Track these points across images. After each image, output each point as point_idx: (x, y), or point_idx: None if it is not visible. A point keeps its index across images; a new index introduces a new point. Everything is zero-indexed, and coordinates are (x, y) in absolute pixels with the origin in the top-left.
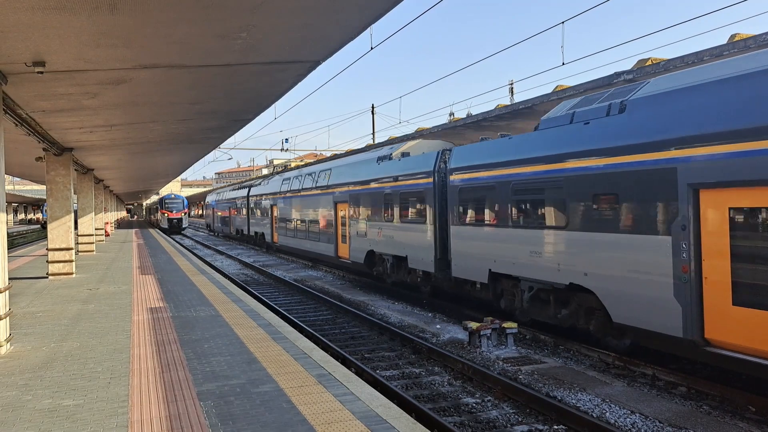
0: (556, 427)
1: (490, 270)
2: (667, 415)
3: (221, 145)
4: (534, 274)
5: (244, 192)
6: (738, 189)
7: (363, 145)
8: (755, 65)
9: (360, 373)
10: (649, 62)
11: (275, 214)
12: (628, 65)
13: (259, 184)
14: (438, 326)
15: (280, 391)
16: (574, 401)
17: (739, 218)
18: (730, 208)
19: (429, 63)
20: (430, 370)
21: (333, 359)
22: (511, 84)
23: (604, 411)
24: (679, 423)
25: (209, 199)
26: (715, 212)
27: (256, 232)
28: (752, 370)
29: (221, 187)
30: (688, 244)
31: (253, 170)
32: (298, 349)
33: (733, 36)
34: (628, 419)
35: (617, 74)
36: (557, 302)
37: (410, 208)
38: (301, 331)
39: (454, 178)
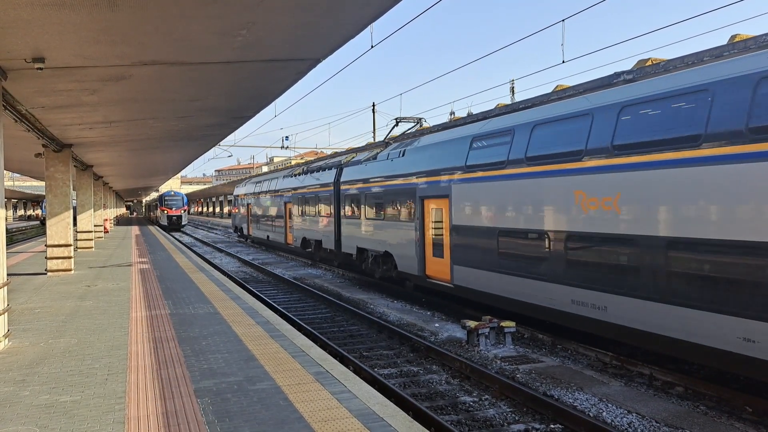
0: (552, 426)
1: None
2: (663, 415)
3: (221, 143)
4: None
5: (328, 177)
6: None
7: (364, 143)
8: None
9: (358, 371)
10: (649, 62)
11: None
12: (628, 64)
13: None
14: (437, 325)
15: (277, 388)
16: (571, 400)
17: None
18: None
19: (430, 61)
20: (428, 369)
21: (331, 357)
22: (512, 83)
23: (600, 410)
24: (676, 423)
25: (242, 190)
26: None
27: (374, 255)
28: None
29: (263, 174)
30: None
31: (253, 167)
32: (296, 346)
33: (733, 37)
34: (625, 419)
35: (617, 74)
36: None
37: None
38: (300, 329)
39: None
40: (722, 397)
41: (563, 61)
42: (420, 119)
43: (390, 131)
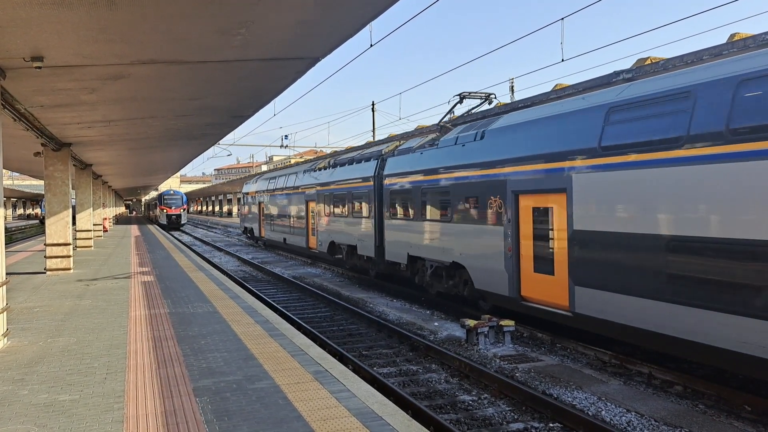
0: (551, 425)
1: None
2: (662, 413)
3: (220, 142)
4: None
5: (364, 169)
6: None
7: (363, 142)
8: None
9: (357, 370)
10: (648, 61)
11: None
12: (627, 63)
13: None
14: (436, 324)
15: (276, 387)
16: (570, 399)
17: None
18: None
19: (429, 60)
20: (428, 368)
21: (330, 356)
22: (512, 82)
23: (599, 409)
24: (675, 422)
25: (253, 188)
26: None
27: (435, 266)
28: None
29: (278, 170)
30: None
31: (252, 167)
32: (295, 346)
33: (732, 35)
34: (624, 418)
35: (616, 73)
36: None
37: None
38: (299, 328)
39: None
40: (721, 396)
41: (562, 60)
42: (489, 95)
43: (448, 112)
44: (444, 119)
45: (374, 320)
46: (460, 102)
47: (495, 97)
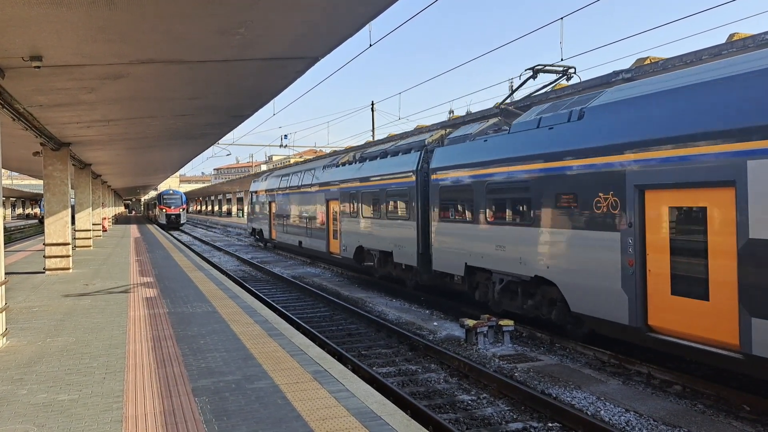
0: (550, 424)
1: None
2: (661, 413)
3: (220, 141)
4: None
5: (403, 163)
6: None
7: (363, 142)
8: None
9: (356, 370)
10: (647, 61)
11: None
12: (627, 63)
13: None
14: (435, 323)
15: (276, 387)
16: (569, 399)
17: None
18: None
19: (428, 60)
20: (427, 367)
21: (329, 356)
22: (512, 81)
23: (598, 409)
24: (674, 421)
25: (262, 186)
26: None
27: (507, 281)
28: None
29: (292, 165)
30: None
31: (252, 166)
32: (295, 345)
33: (731, 35)
34: (623, 417)
35: (615, 73)
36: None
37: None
38: (298, 327)
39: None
40: (720, 396)
41: (561, 60)
42: (567, 68)
43: (518, 88)
44: (505, 101)
45: (373, 320)
46: (534, 77)
47: (574, 72)
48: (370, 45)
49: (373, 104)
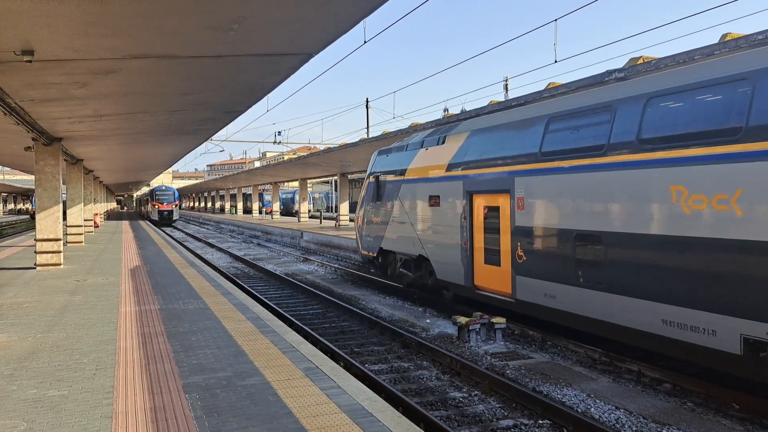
0: (541, 421)
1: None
2: (651, 411)
3: (213, 137)
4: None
5: None
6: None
7: (357, 139)
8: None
9: (348, 367)
10: (640, 61)
11: None
12: (620, 63)
13: None
14: (428, 321)
15: (267, 384)
16: (559, 396)
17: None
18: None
19: (423, 58)
20: (419, 365)
21: (321, 353)
22: (506, 81)
23: (589, 406)
24: (663, 419)
25: (407, 161)
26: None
27: None
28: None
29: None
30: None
31: (245, 163)
32: (287, 342)
33: (724, 35)
34: (613, 415)
35: (609, 72)
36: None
37: None
38: (291, 325)
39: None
40: (710, 394)
41: (555, 61)
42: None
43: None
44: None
45: (366, 317)
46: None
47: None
48: (365, 42)
49: (367, 102)
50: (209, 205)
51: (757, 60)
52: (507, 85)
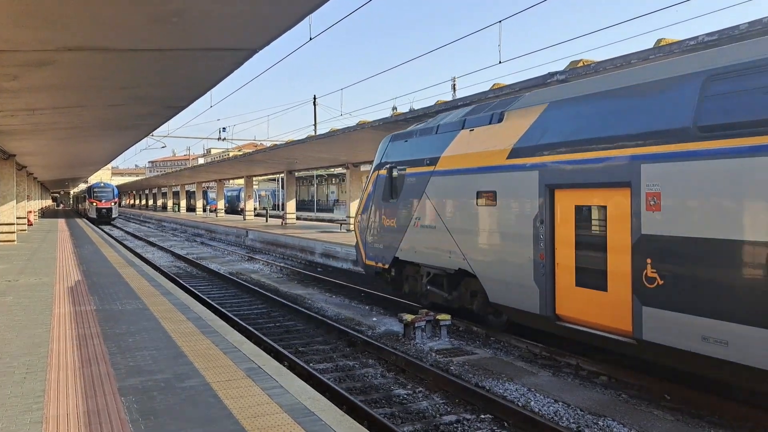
0: (483, 416)
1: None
2: (588, 403)
3: (154, 133)
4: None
5: None
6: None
7: (304, 136)
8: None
9: (293, 367)
10: (581, 63)
11: None
12: (561, 65)
13: None
14: (374, 319)
15: (207, 385)
16: (501, 391)
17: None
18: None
19: (371, 56)
20: (365, 363)
21: (264, 353)
22: (454, 80)
23: (529, 400)
24: (599, 411)
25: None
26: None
27: None
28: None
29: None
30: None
31: (189, 159)
32: (229, 342)
33: (658, 41)
34: (552, 408)
35: (551, 74)
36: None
37: None
38: (234, 325)
39: None
40: (643, 386)
41: (500, 62)
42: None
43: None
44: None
45: (312, 316)
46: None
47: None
48: (311, 38)
49: (315, 99)
50: (151, 202)
51: None
52: (455, 84)
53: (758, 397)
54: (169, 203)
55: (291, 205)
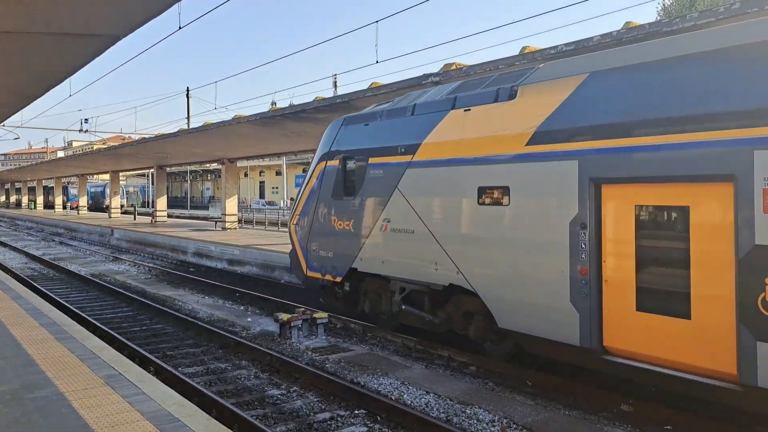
0: (357, 411)
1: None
2: (457, 393)
3: (5, 123)
4: None
5: None
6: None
7: (176, 129)
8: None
9: (159, 372)
10: (454, 66)
11: None
12: (436, 67)
13: None
14: (249, 319)
15: (60, 395)
16: (376, 386)
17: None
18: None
19: (248, 49)
20: (237, 365)
21: (126, 358)
22: (335, 77)
23: (402, 393)
24: (467, 400)
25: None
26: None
27: None
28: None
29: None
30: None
31: (47, 152)
32: (87, 349)
33: (524, 48)
34: (423, 399)
35: (426, 76)
36: None
37: None
38: (95, 330)
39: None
40: (508, 374)
41: (377, 61)
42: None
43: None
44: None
45: (182, 318)
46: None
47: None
48: (180, 28)
49: (188, 91)
50: (2, 198)
51: None
52: (336, 81)
53: (609, 380)
54: (24, 200)
55: (162, 202)
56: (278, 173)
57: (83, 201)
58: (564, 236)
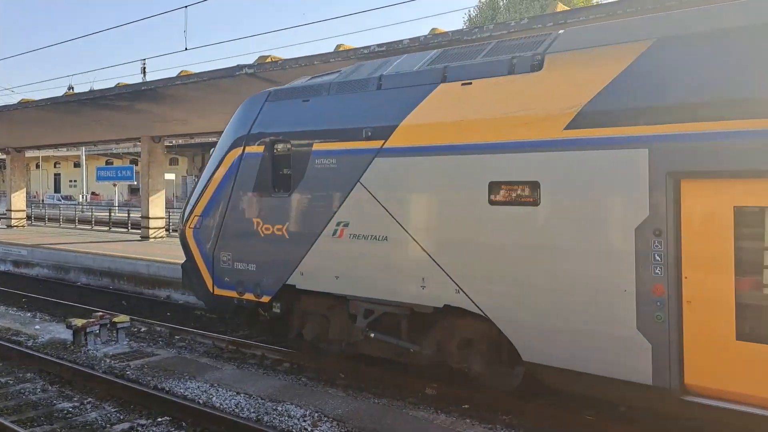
0: (160, 419)
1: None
2: (269, 391)
3: None
4: None
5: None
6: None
7: None
8: None
9: None
10: (269, 59)
11: None
12: (250, 59)
13: None
14: (37, 327)
15: None
16: (182, 390)
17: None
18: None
19: (41, 26)
20: (21, 378)
21: None
22: (144, 63)
23: (211, 396)
24: (279, 397)
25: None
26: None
27: None
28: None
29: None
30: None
31: None
32: None
33: (338, 46)
34: (233, 400)
35: (239, 66)
36: None
37: None
38: None
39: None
40: (320, 368)
41: (186, 48)
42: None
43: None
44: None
45: None
46: None
47: None
48: None
49: None
50: None
51: None
52: (144, 67)
53: (425, 370)
54: None
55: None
56: (77, 165)
57: None
58: (628, 246)
